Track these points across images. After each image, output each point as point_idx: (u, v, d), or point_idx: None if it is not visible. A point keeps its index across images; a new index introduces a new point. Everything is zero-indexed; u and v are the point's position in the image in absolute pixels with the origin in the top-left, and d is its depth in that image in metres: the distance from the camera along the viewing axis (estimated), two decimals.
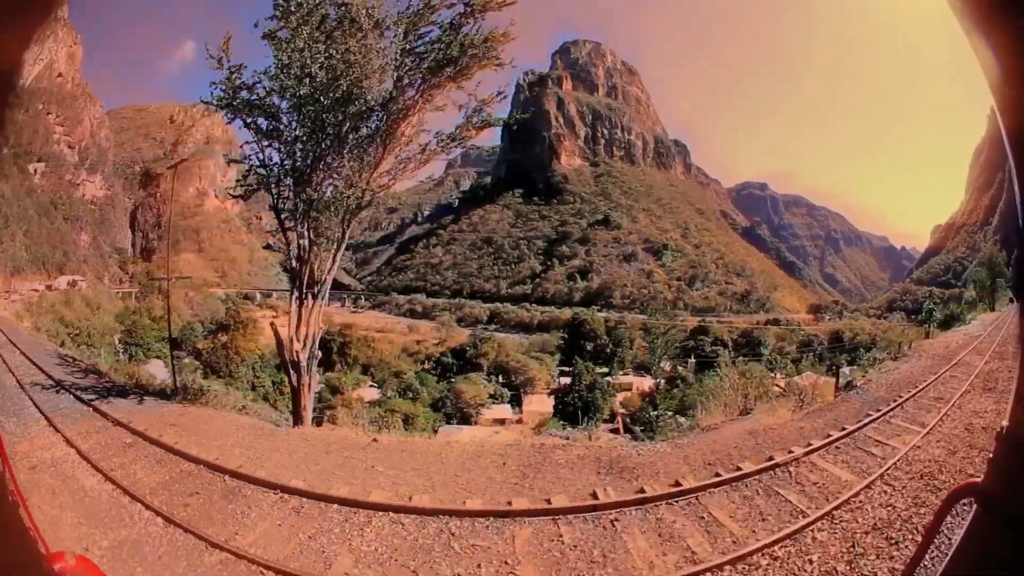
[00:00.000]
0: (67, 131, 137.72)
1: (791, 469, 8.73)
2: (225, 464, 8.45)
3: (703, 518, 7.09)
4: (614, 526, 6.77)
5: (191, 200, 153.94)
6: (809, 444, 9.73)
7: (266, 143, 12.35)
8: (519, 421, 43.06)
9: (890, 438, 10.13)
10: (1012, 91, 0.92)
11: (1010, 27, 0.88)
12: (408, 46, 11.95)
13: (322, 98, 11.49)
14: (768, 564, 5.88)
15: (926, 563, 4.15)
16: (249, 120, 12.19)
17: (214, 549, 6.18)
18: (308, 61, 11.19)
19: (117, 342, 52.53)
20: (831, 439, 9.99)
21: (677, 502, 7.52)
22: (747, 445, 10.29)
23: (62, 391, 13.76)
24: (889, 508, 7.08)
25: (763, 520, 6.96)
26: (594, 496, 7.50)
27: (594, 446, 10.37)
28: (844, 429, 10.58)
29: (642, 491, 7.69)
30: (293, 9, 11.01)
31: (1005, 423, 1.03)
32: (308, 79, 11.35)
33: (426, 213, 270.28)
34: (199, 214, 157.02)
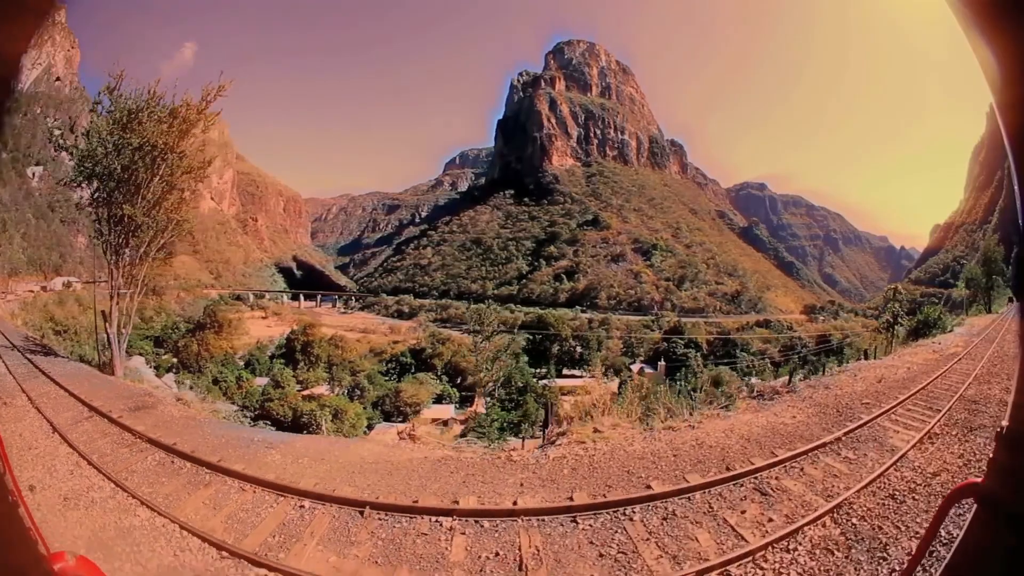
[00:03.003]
0: (65, 134, 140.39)
1: None
2: (50, 373, 14.93)
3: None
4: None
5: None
6: None
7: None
8: (463, 421, 43.53)
9: None
10: (1012, 91, 0.91)
11: (1010, 27, 0.88)
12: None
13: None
14: None
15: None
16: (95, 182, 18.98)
17: None
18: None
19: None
20: None
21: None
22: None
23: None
24: None
25: None
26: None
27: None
28: None
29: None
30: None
31: (1005, 423, 1.02)
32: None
33: (424, 214, 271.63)
34: (194, 216, 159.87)
